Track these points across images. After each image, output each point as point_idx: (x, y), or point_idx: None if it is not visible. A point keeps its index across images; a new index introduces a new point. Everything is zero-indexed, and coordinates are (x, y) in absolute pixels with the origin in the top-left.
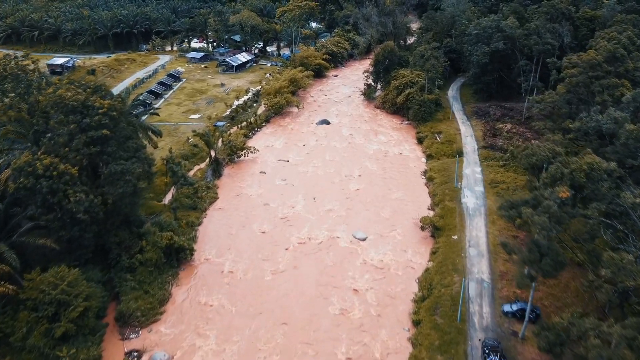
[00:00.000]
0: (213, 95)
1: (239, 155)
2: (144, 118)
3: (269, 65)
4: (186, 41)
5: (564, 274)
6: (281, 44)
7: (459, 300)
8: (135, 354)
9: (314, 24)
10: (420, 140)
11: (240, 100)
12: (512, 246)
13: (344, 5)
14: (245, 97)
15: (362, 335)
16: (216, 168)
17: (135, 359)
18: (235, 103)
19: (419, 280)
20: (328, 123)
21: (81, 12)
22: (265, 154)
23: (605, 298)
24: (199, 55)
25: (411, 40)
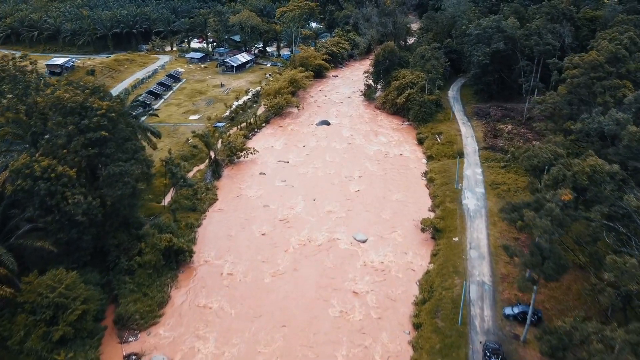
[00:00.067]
0: (213, 96)
1: (239, 156)
2: (143, 119)
3: (268, 65)
4: (186, 41)
5: (566, 276)
6: (281, 45)
7: (460, 303)
8: (134, 358)
9: (314, 24)
10: (420, 141)
11: (240, 101)
12: (514, 249)
13: (344, 5)
14: (245, 98)
15: (363, 338)
16: (216, 169)
17: None
18: (235, 104)
19: (420, 282)
20: (328, 124)
21: (81, 13)
22: (265, 155)
23: (608, 302)
24: (199, 55)
25: (411, 40)
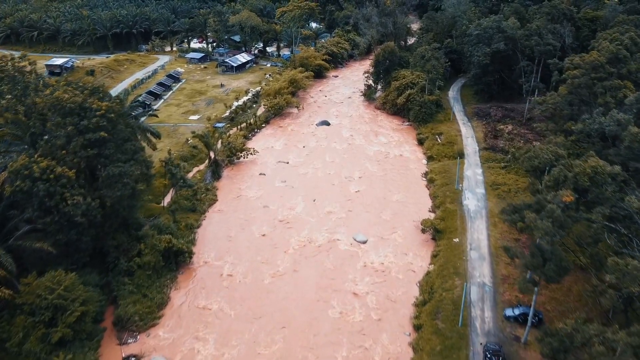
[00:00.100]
0: (212, 96)
1: (239, 157)
2: (143, 119)
3: (268, 65)
4: (186, 41)
5: (567, 277)
6: (281, 45)
7: (460, 305)
8: (133, 359)
9: (314, 25)
10: (420, 142)
11: (240, 101)
12: (515, 250)
13: (344, 5)
14: (245, 98)
15: (363, 340)
16: (215, 170)
17: None
18: (235, 104)
19: (420, 283)
20: (328, 124)
21: (80, 13)
22: (264, 156)
23: (609, 304)
24: (199, 55)
25: (412, 40)
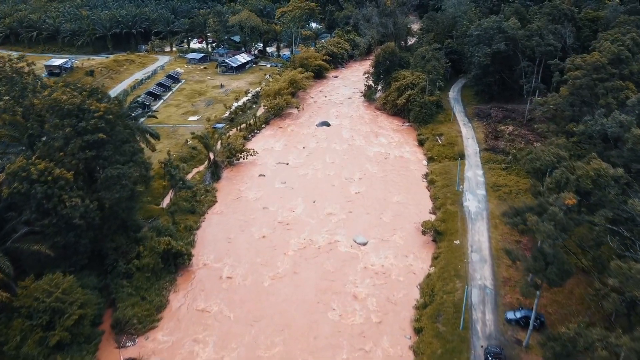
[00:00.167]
0: (212, 97)
1: (238, 158)
2: (142, 120)
3: (268, 66)
4: (185, 42)
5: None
6: (281, 45)
7: (461, 307)
8: None
9: (314, 25)
10: (421, 143)
11: (240, 102)
12: (517, 253)
13: (344, 5)
14: (245, 99)
15: (363, 343)
16: (215, 171)
17: None
18: (235, 104)
19: (421, 286)
20: (328, 125)
21: (80, 13)
22: (264, 157)
23: (612, 307)
24: (198, 56)
25: (412, 41)
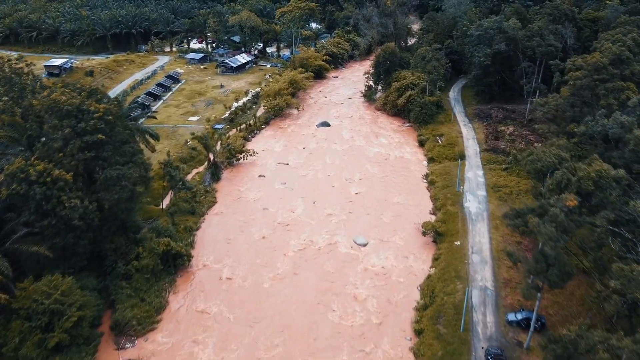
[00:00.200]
0: (212, 97)
1: (238, 159)
2: (142, 121)
3: (268, 66)
4: (185, 42)
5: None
6: (281, 45)
7: (462, 309)
8: None
9: (314, 25)
10: (421, 143)
11: (240, 102)
12: (518, 255)
13: (345, 6)
14: (245, 99)
15: (364, 344)
16: (215, 171)
17: None
18: (235, 105)
19: (421, 287)
20: (328, 125)
21: (80, 13)
22: (264, 157)
23: (614, 309)
24: (198, 56)
25: (412, 41)
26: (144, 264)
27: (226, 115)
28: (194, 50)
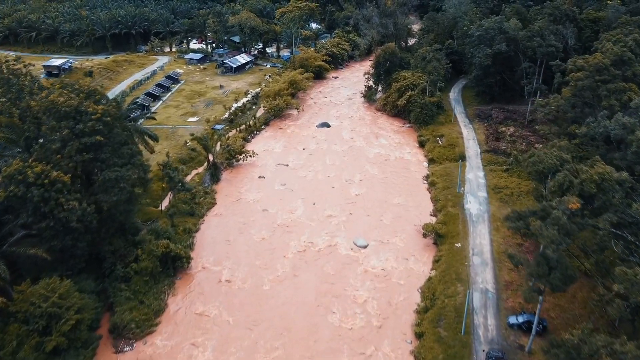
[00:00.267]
0: (212, 98)
1: (238, 159)
2: (141, 122)
3: (268, 66)
4: (185, 42)
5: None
6: (281, 45)
7: (463, 312)
8: None
9: (314, 25)
10: (421, 144)
11: (239, 103)
12: (519, 258)
13: (345, 6)
14: (244, 100)
15: (364, 347)
16: (214, 172)
17: None
18: (234, 105)
19: (422, 289)
20: (328, 126)
21: (79, 13)
22: (264, 158)
23: (616, 313)
24: (198, 56)
25: (412, 41)
26: (142, 266)
27: (226, 115)
28: (194, 51)
